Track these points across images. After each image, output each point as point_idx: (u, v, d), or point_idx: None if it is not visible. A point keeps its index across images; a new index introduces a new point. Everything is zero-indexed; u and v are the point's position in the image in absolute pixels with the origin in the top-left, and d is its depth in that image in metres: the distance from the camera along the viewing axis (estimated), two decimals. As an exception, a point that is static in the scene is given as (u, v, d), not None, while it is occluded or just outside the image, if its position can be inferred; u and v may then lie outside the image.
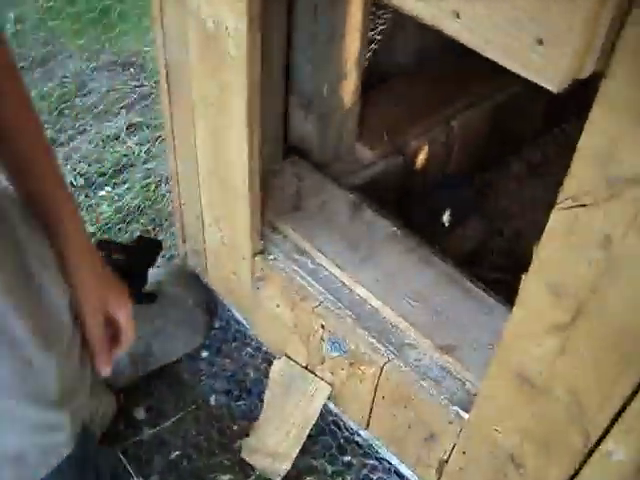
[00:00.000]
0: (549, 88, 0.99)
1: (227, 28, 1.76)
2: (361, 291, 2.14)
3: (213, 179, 2.23)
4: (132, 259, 2.35)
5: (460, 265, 2.28)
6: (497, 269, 3.11)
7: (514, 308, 1.47)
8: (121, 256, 2.29)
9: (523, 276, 1.42)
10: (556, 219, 1.26)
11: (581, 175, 1.16)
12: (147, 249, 2.49)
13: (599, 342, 1.33)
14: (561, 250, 1.29)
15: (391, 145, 2.79)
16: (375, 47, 2.90)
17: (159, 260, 2.63)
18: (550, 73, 0.97)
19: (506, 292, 3.03)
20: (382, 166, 2.73)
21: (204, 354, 2.77)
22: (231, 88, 1.87)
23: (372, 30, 2.80)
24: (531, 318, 1.44)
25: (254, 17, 1.71)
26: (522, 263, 1.40)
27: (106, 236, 3.18)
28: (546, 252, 1.33)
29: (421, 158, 2.93)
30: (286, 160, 2.56)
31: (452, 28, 1.08)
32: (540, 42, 0.95)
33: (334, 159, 2.63)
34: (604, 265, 1.22)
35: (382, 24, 2.88)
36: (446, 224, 3.10)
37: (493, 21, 0.99)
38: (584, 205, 1.18)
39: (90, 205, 3.37)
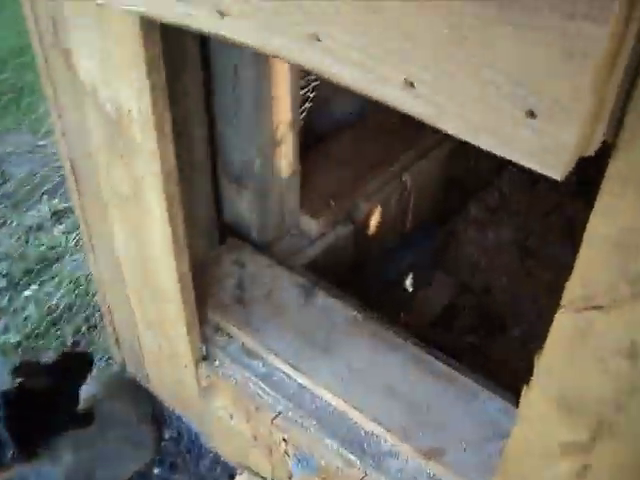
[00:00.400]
0: (549, 175, 0.71)
1: (129, 111, 1.46)
2: (324, 393, 1.83)
3: (138, 281, 1.91)
4: (59, 380, 2.04)
5: (429, 334, 2.01)
6: (469, 331, 2.84)
7: (516, 427, 1.17)
8: (45, 379, 1.98)
9: (524, 388, 1.13)
10: (563, 323, 0.97)
11: (593, 271, 0.88)
12: (75, 366, 2.17)
13: (628, 467, 1.05)
14: (572, 359, 1.00)
15: (339, 212, 2.52)
16: (310, 105, 2.63)
17: (94, 367, 2.30)
18: (549, 154, 0.69)
19: (483, 358, 2.79)
20: (332, 238, 2.45)
21: (156, 470, 2.42)
22: (144, 180, 1.57)
23: (304, 87, 2.54)
24: (538, 437, 1.15)
25: (158, 94, 1.41)
26: (494, 321, 1.13)
27: (34, 345, 2.82)
28: (552, 361, 1.04)
29: (374, 221, 2.66)
30: (223, 245, 2.25)
31: (404, 101, 0.80)
32: (532, 114, 0.68)
33: (277, 237, 2.34)
34: (630, 377, 0.94)
35: (315, 79, 2.63)
36: (409, 289, 2.83)
37: (462, 89, 0.72)
38: (600, 307, 0.90)
39: (14, 309, 3.01)
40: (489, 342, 2.79)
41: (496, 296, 3.01)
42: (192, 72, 1.86)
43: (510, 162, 0.75)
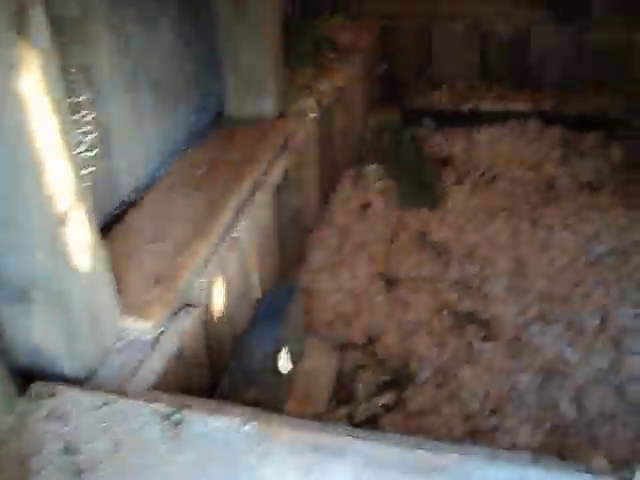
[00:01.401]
0: None
1: None
2: None
3: None
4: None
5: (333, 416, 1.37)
6: (377, 393, 2.26)
7: None
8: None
9: None
10: None
11: None
12: None
13: None
14: None
15: (172, 298, 1.83)
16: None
17: None
18: None
19: (405, 415, 2.23)
20: (174, 335, 1.74)
21: None
22: None
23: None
24: None
25: None
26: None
27: None
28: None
29: (219, 296, 2.00)
30: (25, 396, 1.46)
31: None
32: None
33: (98, 360, 1.58)
34: None
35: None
36: (286, 367, 2.18)
37: None
38: None
39: None
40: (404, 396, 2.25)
41: (390, 346, 2.48)
42: None
43: None
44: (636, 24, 3.69)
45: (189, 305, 1.87)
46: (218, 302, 2.00)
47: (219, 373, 1.95)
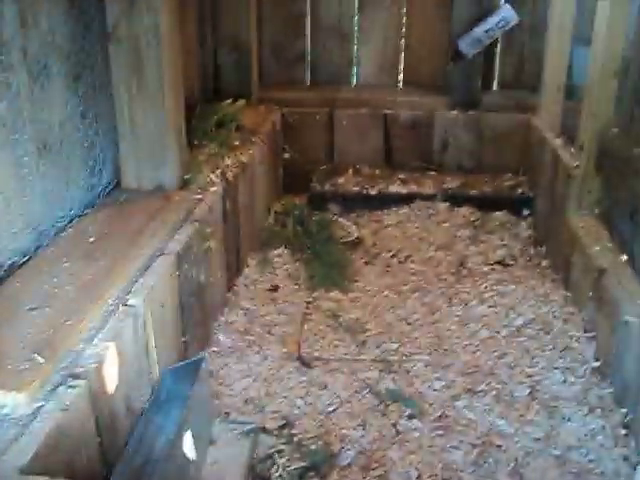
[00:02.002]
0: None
1: None
2: None
3: None
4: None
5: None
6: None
7: None
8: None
9: None
10: None
11: None
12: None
13: None
14: None
15: (52, 368, 1.54)
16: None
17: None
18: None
19: None
20: (55, 412, 1.44)
21: None
22: None
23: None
24: None
25: None
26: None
27: None
28: None
29: (111, 370, 1.71)
30: None
31: None
32: None
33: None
34: None
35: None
36: (191, 456, 1.89)
37: None
38: None
39: None
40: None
41: (308, 430, 2.22)
42: None
43: None
44: (530, 107, 3.82)
45: (74, 377, 1.59)
46: (110, 375, 1.72)
47: (112, 455, 1.64)
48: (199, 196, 2.65)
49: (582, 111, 2.91)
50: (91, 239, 2.18)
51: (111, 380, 1.72)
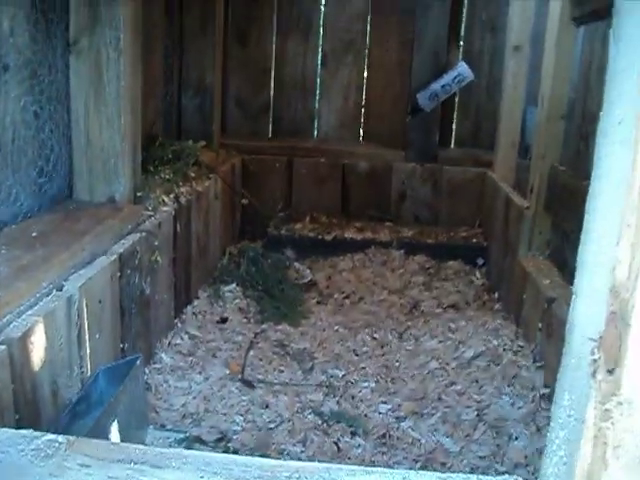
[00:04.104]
0: None
1: None
2: None
3: None
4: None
5: None
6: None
7: None
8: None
9: None
10: None
11: None
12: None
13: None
14: None
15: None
16: None
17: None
18: None
19: None
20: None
21: None
22: None
23: None
24: None
25: None
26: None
27: None
28: None
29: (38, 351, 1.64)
30: None
31: None
32: None
33: None
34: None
35: None
36: None
37: None
38: None
39: None
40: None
41: (246, 443, 2.13)
42: None
43: None
44: (486, 163, 3.92)
45: (-3, 343, 1.52)
46: (35, 350, 1.64)
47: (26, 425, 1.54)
48: (150, 212, 2.62)
49: (532, 154, 2.99)
50: (34, 234, 2.13)
51: (36, 355, 1.64)
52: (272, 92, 4.41)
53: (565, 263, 2.73)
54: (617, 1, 0.87)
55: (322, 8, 4.36)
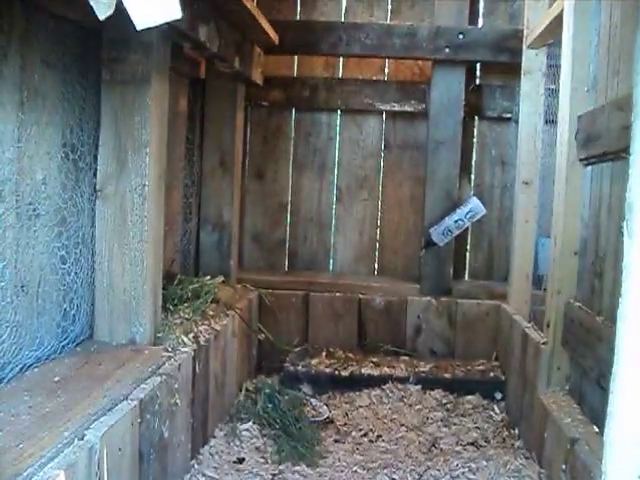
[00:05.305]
0: None
1: None
2: None
3: None
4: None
5: None
6: None
7: None
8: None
9: None
10: None
11: None
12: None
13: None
14: None
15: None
16: None
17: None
18: None
19: None
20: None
21: None
22: None
23: None
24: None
25: None
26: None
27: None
28: None
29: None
30: None
31: None
32: None
33: None
34: None
35: None
36: None
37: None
38: None
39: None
40: None
41: None
42: None
43: None
44: (500, 295, 3.96)
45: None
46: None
47: None
48: (169, 354, 2.64)
49: (547, 290, 3.03)
50: (56, 378, 2.15)
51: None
52: (288, 227, 4.54)
53: (584, 398, 2.71)
54: None
55: (337, 145, 4.56)
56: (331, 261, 4.54)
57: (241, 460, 2.99)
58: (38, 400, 1.97)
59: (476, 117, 4.44)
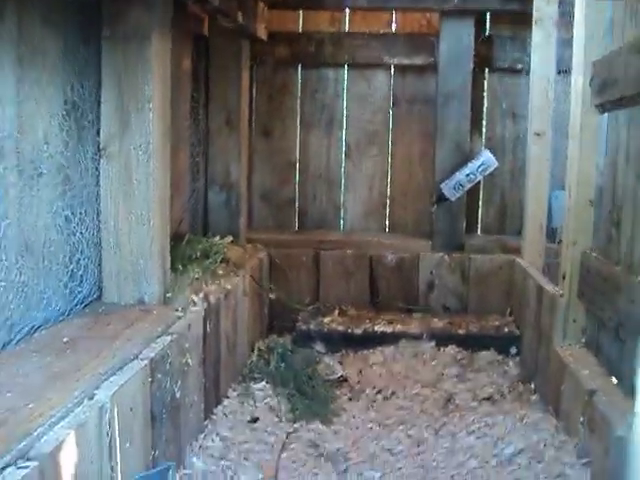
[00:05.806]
0: None
1: None
2: None
3: None
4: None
5: None
6: None
7: None
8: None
9: None
10: None
11: None
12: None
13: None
14: None
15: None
16: None
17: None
18: None
19: None
20: None
21: None
22: None
23: None
24: None
25: None
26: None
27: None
28: None
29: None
30: None
31: None
32: None
33: None
34: None
35: None
36: None
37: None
38: None
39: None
40: None
41: None
42: None
43: None
44: (513, 249, 3.91)
45: (26, 459, 1.48)
46: (66, 464, 1.59)
47: None
48: (179, 313, 2.61)
49: (563, 241, 2.96)
50: (65, 339, 2.12)
51: (67, 470, 1.60)
52: (297, 185, 4.48)
53: (601, 350, 2.66)
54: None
55: (344, 101, 4.47)
56: (341, 218, 4.48)
57: (255, 419, 2.97)
58: (47, 360, 1.94)
59: (486, 69, 4.33)
